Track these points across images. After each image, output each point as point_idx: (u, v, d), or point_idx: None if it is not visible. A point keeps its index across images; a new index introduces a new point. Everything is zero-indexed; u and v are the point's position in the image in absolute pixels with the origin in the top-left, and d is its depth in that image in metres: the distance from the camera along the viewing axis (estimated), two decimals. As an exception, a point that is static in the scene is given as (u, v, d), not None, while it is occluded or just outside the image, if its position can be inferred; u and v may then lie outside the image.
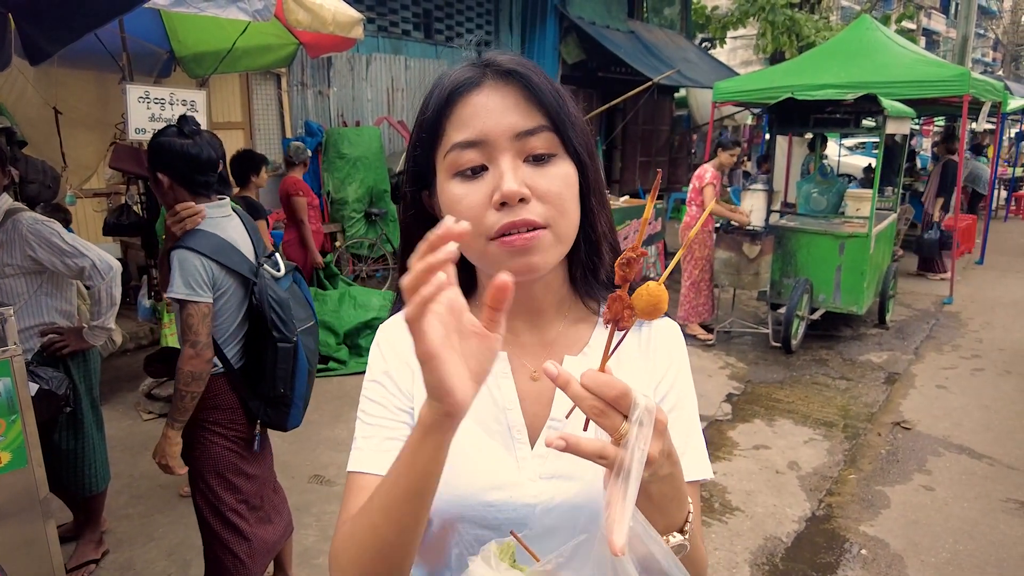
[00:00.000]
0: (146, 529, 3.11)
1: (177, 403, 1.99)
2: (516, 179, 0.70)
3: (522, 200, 0.70)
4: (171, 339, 3.40)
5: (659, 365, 0.85)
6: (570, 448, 0.56)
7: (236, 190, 4.56)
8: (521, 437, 0.80)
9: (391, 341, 0.86)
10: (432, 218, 0.80)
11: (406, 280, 0.54)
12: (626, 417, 0.57)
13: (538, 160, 0.72)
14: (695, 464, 0.82)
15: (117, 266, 2.57)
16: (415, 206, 0.81)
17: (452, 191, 0.73)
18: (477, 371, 0.59)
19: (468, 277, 0.84)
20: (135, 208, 4.37)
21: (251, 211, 4.22)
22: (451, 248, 0.53)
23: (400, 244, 0.87)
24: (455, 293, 0.57)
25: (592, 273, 0.83)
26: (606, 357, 0.62)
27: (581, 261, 0.83)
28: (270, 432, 2.33)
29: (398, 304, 0.90)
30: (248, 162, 4.47)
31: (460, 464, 0.75)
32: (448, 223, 0.54)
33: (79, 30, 2.47)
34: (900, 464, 3.83)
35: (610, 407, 0.57)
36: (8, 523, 1.92)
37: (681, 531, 0.68)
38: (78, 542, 2.84)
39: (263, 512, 2.28)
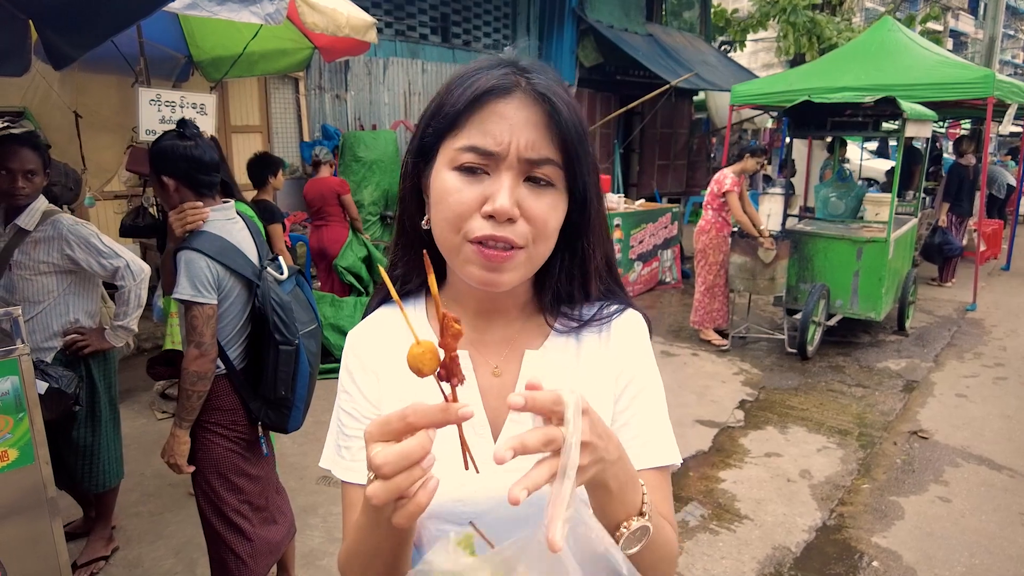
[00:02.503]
0: (155, 527, 3.15)
1: (183, 403, 2.02)
2: (511, 199, 0.72)
3: (510, 219, 0.73)
4: (168, 341, 3.45)
5: (619, 356, 0.87)
6: (519, 451, 0.57)
7: (254, 192, 4.62)
8: (484, 432, 0.83)
9: (356, 351, 0.89)
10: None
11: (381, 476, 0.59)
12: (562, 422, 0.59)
13: (535, 183, 0.75)
14: (663, 450, 0.84)
15: (148, 269, 2.70)
16: (413, 178, 0.83)
17: (448, 181, 0.75)
18: None
19: (437, 264, 0.85)
20: (151, 210, 4.44)
21: (268, 214, 4.27)
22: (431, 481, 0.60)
23: (397, 214, 0.89)
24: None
25: (562, 298, 0.86)
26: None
27: (552, 286, 0.85)
28: (278, 434, 2.35)
29: (369, 308, 0.92)
30: (265, 164, 4.52)
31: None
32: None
33: (100, 35, 2.53)
34: (916, 474, 3.76)
35: (548, 424, 0.59)
36: (14, 520, 1.95)
37: (641, 513, 0.70)
38: (88, 538, 2.89)
39: (267, 513, 2.30)
